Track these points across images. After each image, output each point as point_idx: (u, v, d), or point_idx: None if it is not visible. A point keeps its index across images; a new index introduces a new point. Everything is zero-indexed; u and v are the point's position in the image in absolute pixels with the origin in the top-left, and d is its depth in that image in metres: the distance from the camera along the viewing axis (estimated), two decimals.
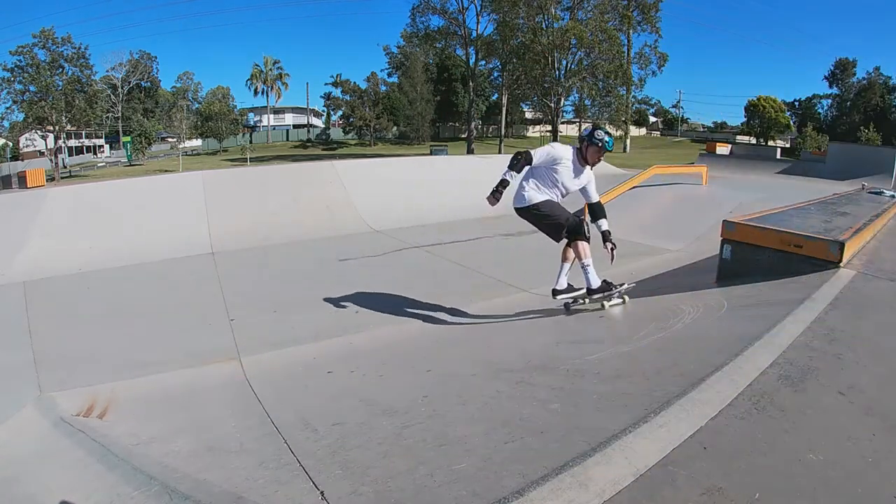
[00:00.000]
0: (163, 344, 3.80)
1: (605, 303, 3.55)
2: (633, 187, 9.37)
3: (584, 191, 3.75)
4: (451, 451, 1.73)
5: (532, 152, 3.55)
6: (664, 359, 2.42)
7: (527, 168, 3.55)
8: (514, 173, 3.48)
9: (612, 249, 3.61)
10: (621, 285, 3.59)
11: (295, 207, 7.90)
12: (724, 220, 4.02)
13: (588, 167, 3.65)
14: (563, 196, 3.70)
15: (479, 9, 37.67)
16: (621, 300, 3.62)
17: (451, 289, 5.01)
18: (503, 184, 3.49)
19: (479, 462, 1.60)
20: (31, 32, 32.79)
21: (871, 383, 1.97)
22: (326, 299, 4.69)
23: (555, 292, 3.75)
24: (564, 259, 3.75)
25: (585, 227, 3.50)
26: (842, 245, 3.36)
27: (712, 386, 1.90)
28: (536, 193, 3.60)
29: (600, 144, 3.52)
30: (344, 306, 4.47)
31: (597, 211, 3.74)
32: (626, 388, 2.09)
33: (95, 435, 2.42)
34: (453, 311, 4.33)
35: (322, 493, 1.58)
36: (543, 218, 3.60)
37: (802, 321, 2.54)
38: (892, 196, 8.49)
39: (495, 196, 3.49)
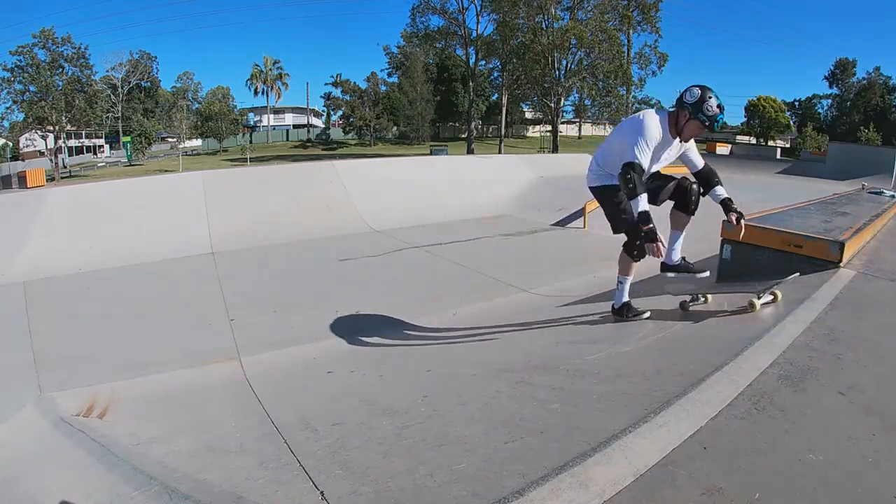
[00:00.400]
0: (163, 344, 3.79)
1: (755, 300, 2.87)
2: (662, 173, 9.31)
3: (684, 159, 3.04)
4: (451, 451, 1.73)
5: (639, 157, 2.75)
6: (664, 359, 2.42)
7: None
8: (643, 196, 2.74)
9: (737, 219, 2.94)
10: (644, 313, 3.09)
11: (295, 207, 7.90)
12: (723, 220, 4.01)
13: (678, 139, 2.87)
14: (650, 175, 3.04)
15: (479, 9, 37.77)
16: (772, 296, 2.95)
17: (451, 289, 5.01)
18: (645, 219, 2.74)
19: (479, 462, 1.60)
20: (31, 32, 32.89)
21: (871, 383, 1.97)
22: (326, 299, 4.69)
23: (664, 267, 3.14)
24: (675, 227, 3.11)
25: (641, 241, 2.82)
26: (842, 245, 3.36)
27: (712, 386, 1.90)
28: (605, 174, 3.02)
29: (707, 123, 2.73)
30: (344, 306, 4.46)
31: (708, 177, 3.04)
32: (626, 388, 2.09)
33: (95, 435, 2.42)
34: (453, 312, 4.33)
35: (322, 493, 1.58)
36: (609, 205, 3.05)
37: (802, 321, 2.54)
38: (892, 196, 8.49)
39: (650, 238, 2.74)
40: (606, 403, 1.96)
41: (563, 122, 38.75)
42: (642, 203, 2.74)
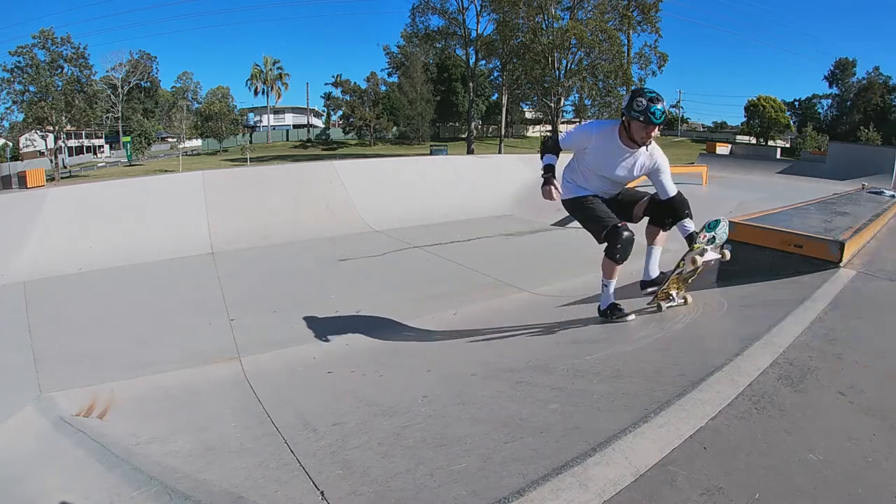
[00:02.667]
0: (163, 344, 3.79)
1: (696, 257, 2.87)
2: (634, 187, 9.34)
3: (655, 184, 2.96)
4: (451, 451, 1.73)
5: (561, 137, 3.05)
6: (664, 359, 2.41)
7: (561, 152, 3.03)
8: (551, 156, 3.01)
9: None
10: (630, 314, 3.08)
11: (295, 207, 7.90)
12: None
13: (642, 148, 2.81)
14: (610, 189, 3.04)
15: (479, 9, 37.82)
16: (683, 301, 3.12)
17: (451, 289, 5.01)
18: (547, 170, 2.97)
19: (479, 462, 1.60)
20: (31, 33, 32.95)
21: (871, 383, 1.97)
22: (326, 299, 4.69)
23: (643, 284, 3.09)
24: (651, 242, 3.07)
25: (620, 244, 2.80)
26: (842, 245, 3.36)
27: (712, 386, 1.90)
28: (573, 186, 3.04)
29: (642, 118, 2.66)
30: (344, 306, 4.46)
31: (676, 208, 2.93)
32: (626, 388, 2.09)
33: (95, 435, 2.42)
34: (453, 312, 4.33)
35: (322, 493, 1.58)
36: (581, 218, 3.05)
37: (802, 321, 2.54)
38: (892, 196, 8.48)
39: (547, 185, 2.93)
40: (606, 403, 1.96)
41: (563, 122, 38.69)
42: (549, 160, 3.02)
